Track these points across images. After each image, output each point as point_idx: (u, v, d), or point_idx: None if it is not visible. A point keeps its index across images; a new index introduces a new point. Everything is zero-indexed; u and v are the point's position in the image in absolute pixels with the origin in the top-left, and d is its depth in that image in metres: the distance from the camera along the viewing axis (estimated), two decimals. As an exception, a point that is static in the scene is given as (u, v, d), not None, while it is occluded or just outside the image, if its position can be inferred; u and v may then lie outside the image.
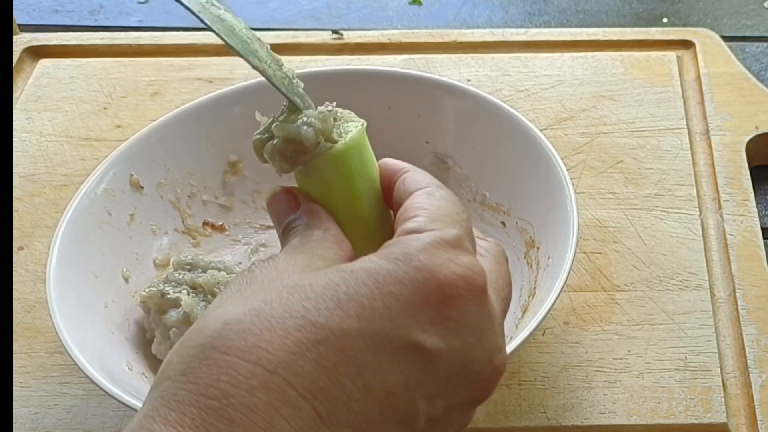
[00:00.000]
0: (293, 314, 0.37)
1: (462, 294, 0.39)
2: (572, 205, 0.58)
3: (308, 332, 0.36)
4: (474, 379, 0.40)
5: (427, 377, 0.38)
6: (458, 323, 0.39)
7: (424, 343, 0.38)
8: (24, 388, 0.60)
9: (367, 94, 0.68)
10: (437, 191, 0.43)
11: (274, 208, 0.45)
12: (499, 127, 0.64)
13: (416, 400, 0.38)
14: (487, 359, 0.40)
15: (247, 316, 0.37)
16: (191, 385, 0.35)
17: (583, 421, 0.57)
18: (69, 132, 0.75)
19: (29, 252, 0.67)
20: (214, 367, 0.35)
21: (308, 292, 0.37)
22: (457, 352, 0.39)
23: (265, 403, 0.35)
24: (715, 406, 0.58)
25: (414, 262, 0.39)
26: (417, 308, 0.38)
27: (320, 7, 0.92)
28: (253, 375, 0.35)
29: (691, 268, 0.65)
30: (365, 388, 0.36)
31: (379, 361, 0.37)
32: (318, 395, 0.35)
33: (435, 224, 0.41)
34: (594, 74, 0.78)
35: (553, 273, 0.57)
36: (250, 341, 0.36)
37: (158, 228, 0.64)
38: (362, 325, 0.37)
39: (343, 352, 0.36)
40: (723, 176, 0.71)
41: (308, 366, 0.36)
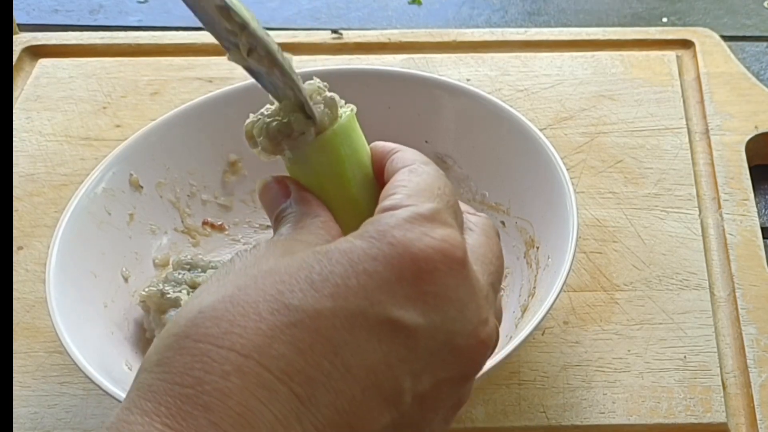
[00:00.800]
0: (267, 298, 0.36)
1: (438, 267, 0.38)
2: (572, 205, 0.58)
3: (282, 315, 0.36)
4: (459, 353, 0.39)
5: (409, 353, 0.37)
6: (437, 297, 0.38)
7: (402, 318, 0.37)
8: (23, 387, 0.60)
9: (367, 94, 0.67)
10: (420, 167, 0.43)
11: (266, 198, 0.45)
12: (499, 127, 0.64)
13: (400, 378, 0.37)
14: (472, 332, 0.39)
15: (221, 303, 0.36)
16: (165, 375, 0.35)
17: (582, 421, 0.57)
18: (68, 132, 0.75)
19: (29, 252, 0.67)
20: (187, 356, 0.35)
21: (282, 275, 0.37)
22: (437, 326, 0.38)
23: (240, 388, 0.34)
24: (715, 405, 0.58)
25: (388, 238, 0.38)
26: (392, 284, 0.37)
27: (320, 6, 0.92)
28: (227, 360, 0.35)
29: (690, 268, 0.65)
30: (344, 367, 0.36)
31: (357, 340, 0.36)
32: (295, 377, 0.35)
33: (411, 200, 0.40)
34: (594, 74, 0.78)
35: (552, 272, 0.57)
36: (223, 327, 0.35)
37: (158, 228, 0.64)
38: (336, 304, 0.36)
39: (318, 332, 0.36)
40: (723, 176, 0.71)
41: (283, 348, 0.35)
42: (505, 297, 0.63)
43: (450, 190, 0.42)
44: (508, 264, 0.64)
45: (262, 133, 0.44)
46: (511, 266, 0.64)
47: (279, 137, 0.44)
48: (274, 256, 0.39)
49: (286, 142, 0.44)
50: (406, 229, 0.38)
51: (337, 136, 0.44)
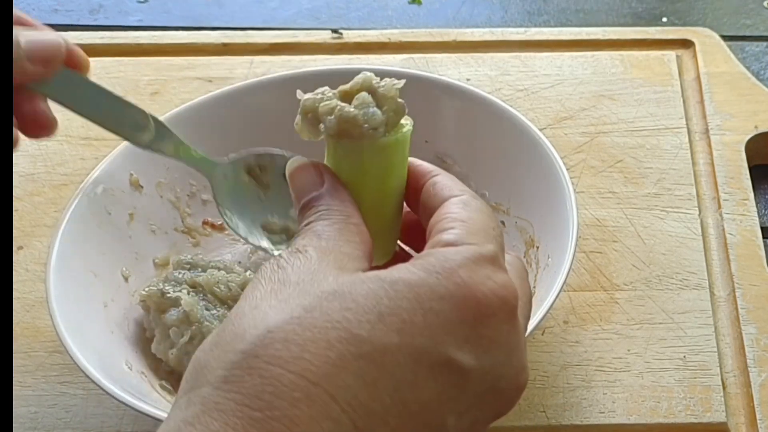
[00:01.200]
0: (335, 325, 0.36)
1: (496, 313, 0.39)
2: (572, 205, 0.58)
3: (350, 345, 0.36)
4: (500, 396, 0.40)
5: (459, 393, 0.38)
6: (491, 341, 0.39)
7: (459, 360, 0.38)
8: (23, 387, 0.60)
9: (367, 94, 0.68)
10: (472, 201, 0.43)
11: (298, 180, 0.44)
12: (499, 127, 0.64)
13: (446, 416, 0.38)
14: (514, 377, 0.40)
15: (289, 325, 0.36)
16: (235, 395, 0.35)
17: (582, 421, 0.57)
18: (68, 131, 0.75)
19: (29, 251, 0.67)
20: (257, 377, 0.35)
21: (348, 302, 0.37)
22: (488, 370, 0.39)
23: (308, 417, 0.35)
24: (715, 405, 0.58)
25: (455, 278, 0.39)
26: (454, 325, 0.38)
27: (320, 6, 0.92)
28: (297, 387, 0.35)
29: (690, 268, 0.65)
30: (402, 403, 0.37)
31: (416, 377, 0.37)
32: (358, 410, 0.36)
33: (472, 238, 0.41)
34: (593, 74, 0.78)
35: (552, 272, 0.57)
36: (294, 351, 0.36)
37: (158, 227, 0.64)
38: (403, 341, 0.37)
39: (384, 367, 0.36)
40: (722, 175, 0.71)
41: (350, 380, 0.36)
42: (505, 297, 0.63)
43: (501, 230, 0.43)
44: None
45: (334, 115, 0.43)
46: (511, 266, 0.64)
47: (349, 126, 0.43)
48: (330, 272, 0.39)
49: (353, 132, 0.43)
50: (471, 271, 0.39)
51: (398, 143, 0.45)
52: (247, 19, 0.90)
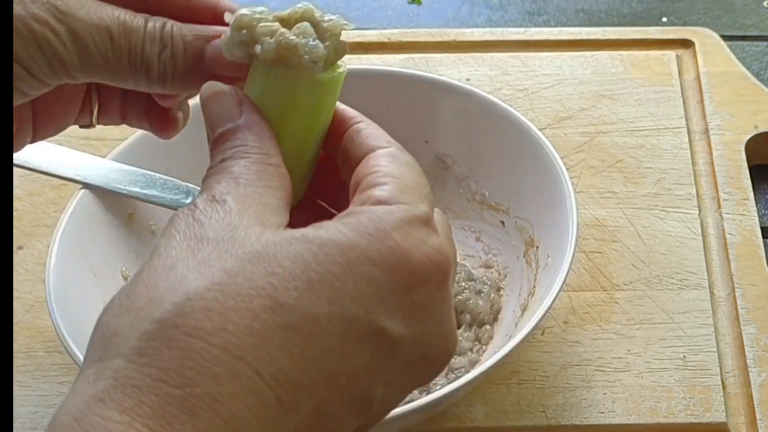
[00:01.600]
0: (260, 292, 0.34)
1: (430, 279, 0.38)
2: (571, 204, 0.58)
3: (276, 314, 0.34)
4: (430, 364, 0.39)
5: (388, 363, 0.37)
6: (423, 310, 0.37)
7: (391, 329, 0.36)
8: (23, 387, 0.60)
9: (366, 94, 0.67)
10: (401, 155, 0.42)
11: (213, 108, 0.42)
12: (499, 127, 0.64)
13: (374, 386, 0.37)
14: (443, 346, 0.39)
15: (210, 292, 0.34)
16: (151, 369, 0.32)
17: (582, 421, 0.57)
18: (68, 131, 0.74)
19: (28, 251, 0.67)
20: (176, 350, 0.33)
21: (274, 266, 0.35)
22: (418, 339, 0.38)
23: (231, 393, 0.32)
24: (715, 405, 0.58)
25: (388, 241, 0.37)
26: (387, 292, 0.36)
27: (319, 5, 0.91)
28: (220, 361, 0.33)
29: (690, 268, 0.65)
30: (329, 374, 0.35)
31: (345, 347, 0.35)
32: (284, 383, 0.34)
33: (405, 197, 0.39)
34: (593, 73, 0.78)
35: (552, 272, 0.57)
36: (216, 322, 0.33)
37: (157, 227, 0.64)
38: (332, 309, 0.35)
39: (312, 338, 0.34)
40: (722, 175, 0.71)
41: (275, 352, 0.34)
42: (505, 296, 0.63)
43: (428, 185, 0.41)
44: (508, 263, 0.64)
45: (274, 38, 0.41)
46: (510, 265, 0.64)
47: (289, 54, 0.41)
48: (253, 228, 0.36)
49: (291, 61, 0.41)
50: (405, 233, 0.37)
51: (334, 82, 0.43)
52: (246, 19, 0.90)
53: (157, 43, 0.44)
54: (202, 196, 0.38)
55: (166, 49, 0.45)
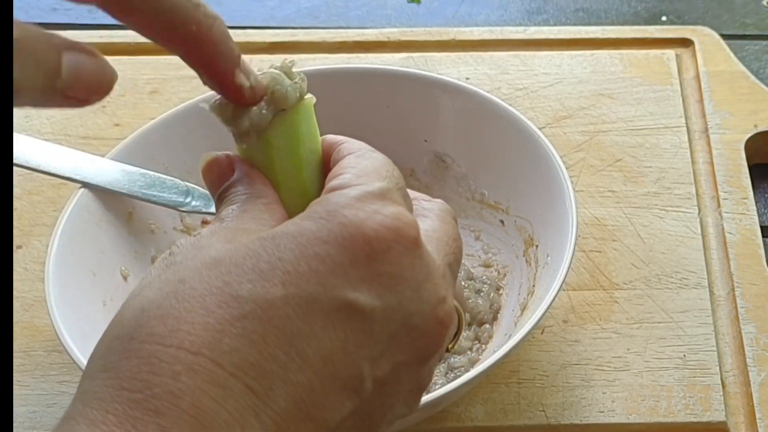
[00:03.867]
0: (213, 291, 0.34)
1: (392, 246, 0.37)
2: (571, 204, 0.58)
3: (231, 307, 0.34)
4: (417, 334, 0.38)
5: (367, 338, 0.36)
6: (392, 277, 0.37)
7: (357, 301, 0.36)
8: (23, 386, 0.60)
9: (366, 93, 0.68)
10: (368, 153, 0.42)
11: (210, 174, 0.43)
12: (498, 126, 0.64)
13: (359, 363, 0.36)
14: (429, 312, 0.38)
15: (165, 300, 0.34)
16: (113, 380, 0.33)
17: (582, 420, 0.57)
18: (67, 130, 0.75)
19: (28, 250, 0.67)
20: (134, 359, 0.33)
21: (228, 266, 0.35)
22: (394, 307, 0.37)
23: (192, 388, 0.32)
24: (714, 404, 0.58)
25: (338, 218, 0.36)
26: (345, 267, 0.36)
27: (319, 5, 0.92)
28: (177, 360, 0.33)
29: (690, 267, 0.65)
30: (300, 357, 0.34)
31: (312, 327, 0.35)
32: (249, 371, 0.33)
33: (360, 179, 0.39)
34: (593, 72, 0.78)
35: (552, 271, 0.57)
36: (170, 325, 0.33)
37: (157, 226, 0.64)
38: (288, 292, 0.35)
39: (270, 322, 0.34)
40: (722, 174, 0.71)
41: (234, 342, 0.33)
42: (505, 295, 0.63)
43: (398, 175, 0.41)
44: (508, 262, 0.64)
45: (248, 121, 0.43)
46: (510, 264, 0.64)
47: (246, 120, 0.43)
48: (217, 244, 0.37)
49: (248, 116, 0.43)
50: (356, 208, 0.37)
51: (299, 115, 0.43)
52: (246, 18, 0.90)
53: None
54: None
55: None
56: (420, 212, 0.42)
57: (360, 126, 0.68)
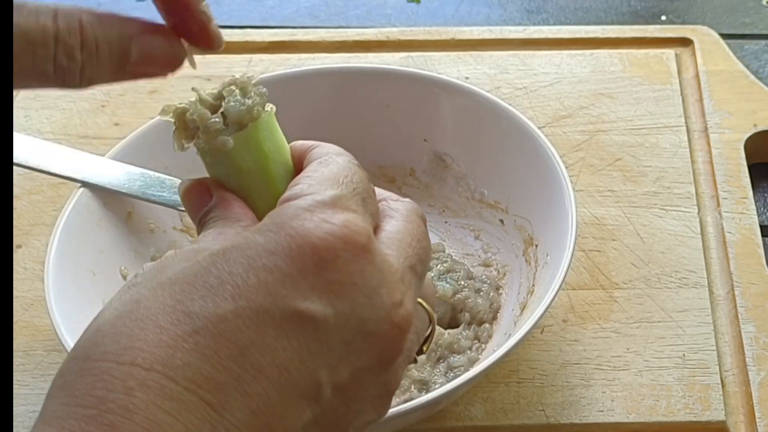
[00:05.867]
0: (166, 309, 0.35)
1: (340, 255, 0.37)
2: (571, 203, 0.58)
3: (183, 324, 0.35)
4: (373, 339, 0.38)
5: (321, 346, 0.36)
6: (342, 285, 0.37)
7: (308, 310, 0.36)
8: (22, 386, 0.60)
9: (365, 92, 0.68)
10: (332, 158, 0.42)
11: (188, 202, 0.43)
12: (498, 125, 0.64)
13: (315, 372, 0.36)
14: (384, 317, 0.38)
15: (120, 320, 0.35)
16: (69, 399, 0.34)
17: (581, 419, 0.57)
18: (67, 130, 0.75)
19: (27, 250, 0.67)
20: (89, 377, 0.34)
21: (181, 284, 0.36)
22: (347, 314, 0.37)
23: (146, 402, 0.33)
24: (714, 403, 0.58)
25: (286, 230, 0.37)
26: (294, 277, 0.36)
27: (318, 4, 0.92)
28: (130, 376, 0.33)
29: (689, 266, 0.65)
30: (254, 368, 0.35)
31: (264, 338, 0.35)
32: (203, 384, 0.34)
33: (312, 188, 0.39)
34: (592, 72, 0.78)
35: (551, 270, 0.57)
36: (123, 343, 0.34)
37: (156, 226, 0.64)
38: (238, 305, 0.35)
39: (222, 336, 0.34)
40: (721, 174, 0.71)
41: (187, 357, 0.34)
42: (504, 295, 0.63)
43: (360, 178, 0.41)
44: (507, 262, 0.64)
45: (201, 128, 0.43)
46: (510, 264, 0.64)
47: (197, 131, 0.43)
48: (175, 265, 0.37)
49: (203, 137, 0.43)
50: (304, 219, 0.37)
51: (260, 132, 0.43)
52: (245, 17, 0.90)
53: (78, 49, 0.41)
54: None
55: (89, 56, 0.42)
56: (386, 213, 0.42)
57: (360, 125, 0.68)
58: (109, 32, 0.42)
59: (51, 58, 0.41)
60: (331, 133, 0.68)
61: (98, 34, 0.41)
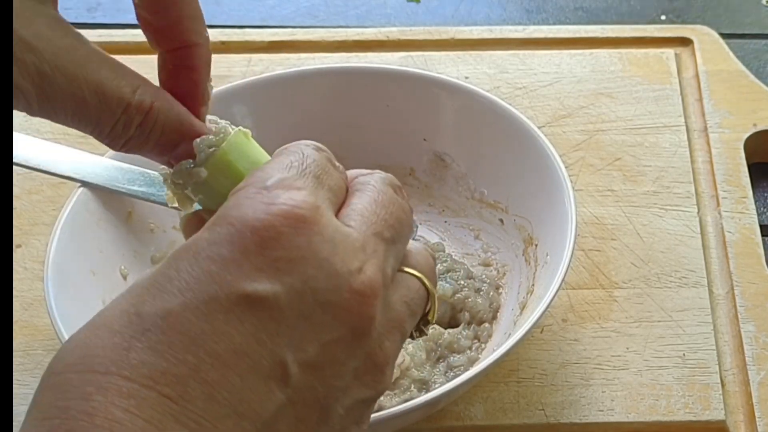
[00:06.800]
0: (120, 313, 0.36)
1: (282, 231, 0.37)
2: (570, 203, 0.58)
3: (134, 324, 0.35)
4: (336, 309, 0.37)
5: (278, 325, 0.36)
6: (288, 261, 0.37)
7: (257, 291, 0.36)
8: (22, 386, 0.60)
9: (365, 92, 0.68)
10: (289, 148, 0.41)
11: (189, 233, 0.44)
12: (497, 125, 0.64)
13: (277, 352, 0.36)
14: (342, 285, 0.37)
15: (80, 332, 0.36)
16: (37, 413, 0.35)
17: (581, 419, 0.57)
18: (67, 129, 0.74)
19: (27, 250, 0.67)
20: (53, 390, 0.35)
21: (137, 290, 0.36)
22: (299, 289, 0.37)
23: (104, 404, 0.33)
24: (714, 403, 0.58)
25: (228, 219, 0.37)
26: (238, 261, 0.36)
27: (318, 4, 0.92)
28: (88, 382, 0.34)
29: (689, 266, 0.65)
30: (210, 356, 0.35)
31: (215, 325, 0.35)
32: (159, 379, 0.34)
33: (255, 177, 0.39)
34: (592, 71, 0.78)
35: (551, 270, 0.57)
36: (81, 352, 0.35)
37: (156, 226, 0.64)
38: (186, 298, 0.35)
39: (173, 329, 0.35)
40: (721, 173, 0.71)
41: (141, 355, 0.34)
42: (504, 294, 0.63)
43: (313, 159, 0.40)
44: (507, 261, 0.64)
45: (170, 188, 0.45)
46: (509, 263, 0.64)
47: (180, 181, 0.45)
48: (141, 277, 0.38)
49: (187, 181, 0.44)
50: (243, 206, 0.38)
51: (227, 153, 0.44)
52: (245, 17, 0.90)
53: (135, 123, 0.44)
54: None
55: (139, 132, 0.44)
56: (356, 188, 0.42)
57: (359, 125, 0.68)
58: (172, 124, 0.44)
59: (111, 123, 0.43)
60: (330, 133, 0.68)
61: (160, 120, 0.44)
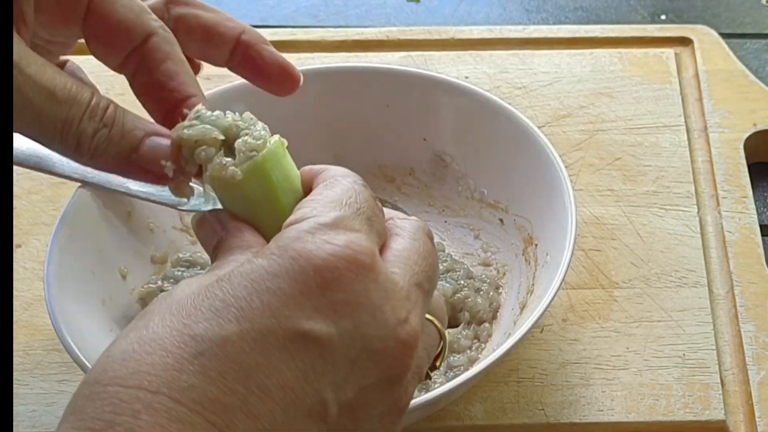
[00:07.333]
0: (173, 333, 0.36)
1: (343, 274, 0.38)
2: (570, 202, 0.58)
3: (188, 346, 0.35)
4: (379, 357, 0.38)
5: (326, 365, 0.37)
6: (346, 304, 0.38)
7: (313, 330, 0.37)
8: (22, 385, 0.60)
9: (365, 92, 0.68)
10: (337, 180, 0.42)
11: (201, 233, 0.44)
12: (497, 125, 0.64)
13: (321, 391, 0.37)
14: (389, 335, 0.39)
15: (129, 345, 0.36)
16: (78, 422, 0.35)
17: (581, 419, 0.57)
18: (67, 129, 0.75)
19: (27, 249, 0.67)
20: (98, 401, 0.35)
21: (188, 308, 0.37)
22: (351, 333, 0.38)
23: (151, 424, 0.34)
24: (714, 403, 0.58)
25: (289, 252, 0.38)
26: (297, 298, 0.37)
27: (318, 4, 0.92)
28: (137, 399, 0.34)
29: (689, 265, 0.65)
30: (260, 389, 0.35)
31: (269, 359, 0.36)
32: (209, 406, 0.35)
33: (315, 211, 0.40)
34: (592, 71, 0.78)
35: (551, 270, 0.57)
36: (131, 367, 0.35)
37: (156, 226, 0.64)
38: (242, 327, 0.36)
39: (227, 358, 0.35)
40: (721, 173, 0.71)
41: (192, 379, 0.35)
42: (504, 294, 0.63)
43: (364, 198, 0.42)
44: (507, 261, 0.64)
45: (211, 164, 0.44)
46: (509, 263, 0.64)
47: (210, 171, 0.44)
48: (182, 291, 0.38)
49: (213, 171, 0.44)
50: (306, 241, 0.38)
51: (266, 161, 0.44)
52: (244, 17, 0.90)
53: (97, 120, 0.46)
54: None
55: (104, 129, 0.46)
56: (393, 231, 0.43)
57: (359, 125, 0.68)
58: (133, 122, 0.47)
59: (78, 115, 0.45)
60: (330, 133, 0.68)
61: (121, 118, 0.46)
